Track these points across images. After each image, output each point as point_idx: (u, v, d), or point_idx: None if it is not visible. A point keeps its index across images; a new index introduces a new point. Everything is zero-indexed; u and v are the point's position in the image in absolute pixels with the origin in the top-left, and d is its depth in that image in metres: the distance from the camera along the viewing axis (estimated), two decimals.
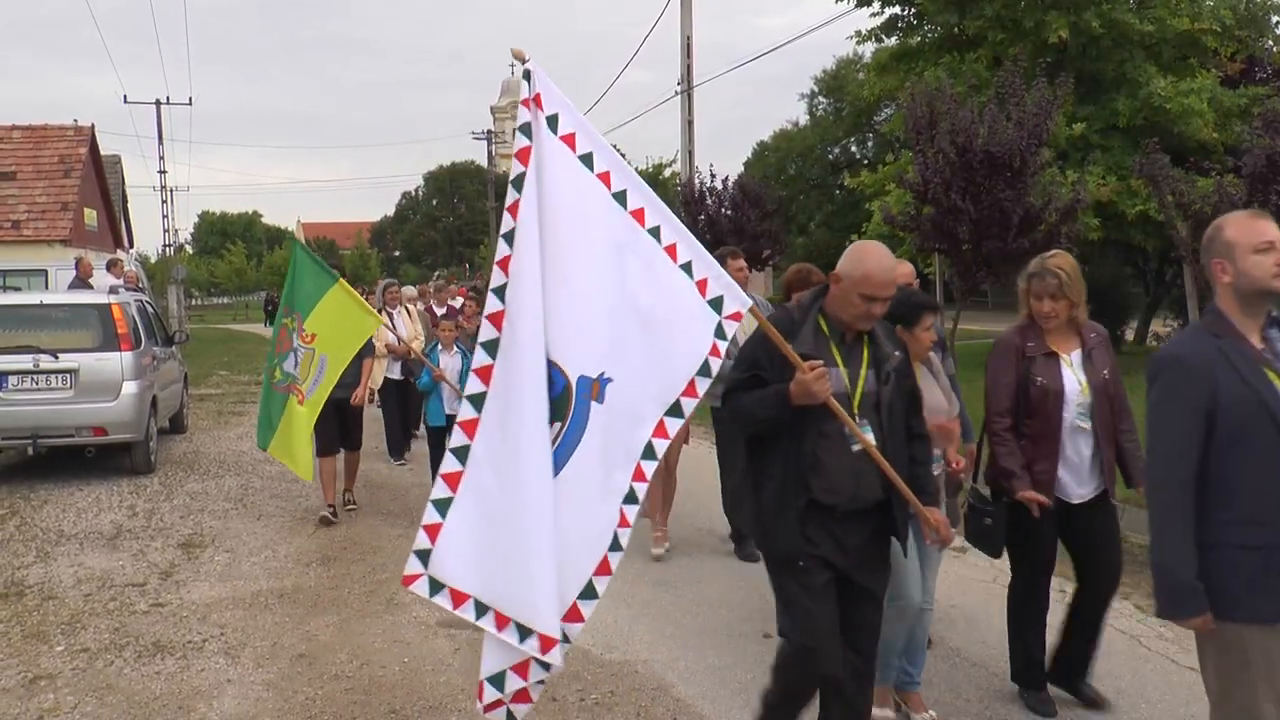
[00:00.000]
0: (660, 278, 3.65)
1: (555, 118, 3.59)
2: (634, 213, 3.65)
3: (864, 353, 4.11)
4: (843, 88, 52.46)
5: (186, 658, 6.01)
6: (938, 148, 14.84)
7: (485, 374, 3.56)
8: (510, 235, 3.51)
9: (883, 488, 4.05)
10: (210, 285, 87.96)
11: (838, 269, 4.06)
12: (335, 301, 8.76)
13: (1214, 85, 21.36)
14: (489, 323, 3.51)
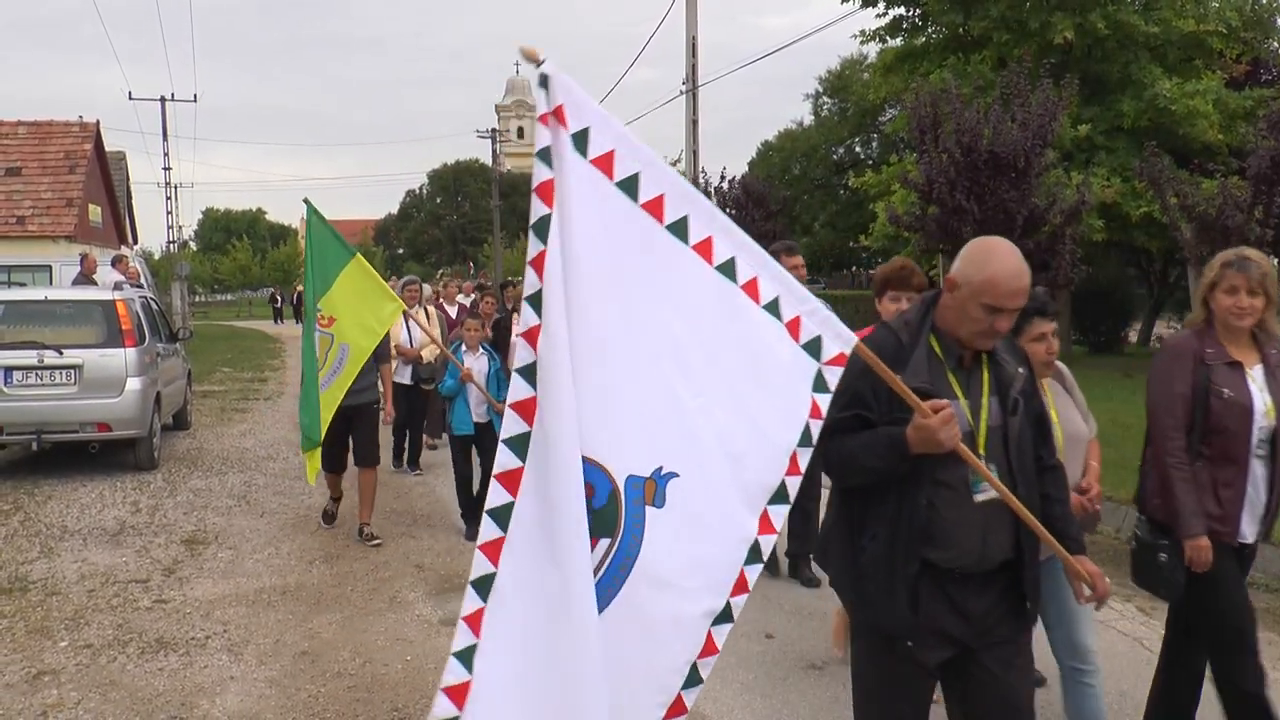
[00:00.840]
0: (741, 330, 2.86)
1: (584, 135, 2.63)
2: (698, 246, 2.79)
3: (984, 376, 3.35)
4: (847, 88, 52.43)
5: (189, 654, 6.01)
6: (943, 148, 14.86)
7: (528, 410, 2.64)
8: (535, 301, 2.58)
9: (1014, 542, 3.33)
10: (214, 282, 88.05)
11: (953, 272, 3.32)
12: (353, 280, 7.92)
13: (1219, 87, 21.37)
14: (525, 343, 2.60)
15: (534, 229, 2.57)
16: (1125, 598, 6.86)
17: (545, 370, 2.60)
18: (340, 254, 7.99)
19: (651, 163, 2.72)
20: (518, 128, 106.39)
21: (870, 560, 3.31)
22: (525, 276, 2.58)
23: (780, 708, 5.21)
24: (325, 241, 8.04)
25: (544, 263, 2.57)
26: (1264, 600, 6.78)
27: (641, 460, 2.78)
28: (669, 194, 2.74)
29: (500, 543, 2.64)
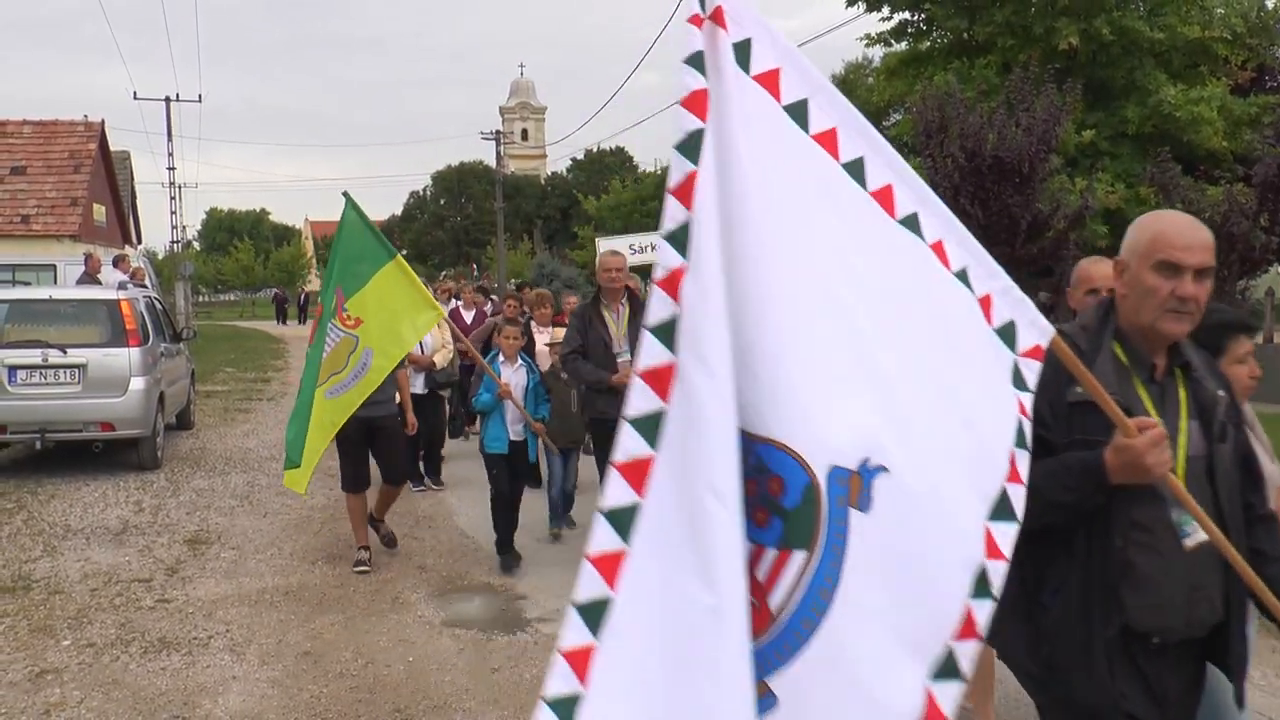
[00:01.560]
0: (936, 298, 2.30)
1: (746, 46, 2.11)
2: (878, 194, 2.25)
3: (1180, 394, 2.75)
4: (852, 92, 52.42)
5: (192, 654, 6.02)
6: (947, 152, 14.85)
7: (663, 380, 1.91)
8: (680, 237, 1.94)
9: (1224, 602, 2.70)
10: (217, 282, 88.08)
11: (1120, 254, 2.80)
12: (390, 283, 7.25)
13: (1224, 93, 21.38)
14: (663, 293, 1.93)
15: (680, 148, 1.99)
16: None
17: (693, 325, 1.92)
18: (379, 253, 7.38)
19: (822, 88, 2.23)
20: (521, 129, 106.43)
21: (1057, 622, 2.67)
22: (665, 207, 1.99)
23: None
24: (362, 238, 7.48)
25: (693, 188, 1.97)
26: None
27: (847, 447, 2.05)
28: (843, 128, 2.23)
29: (620, 558, 1.90)
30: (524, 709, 5.21)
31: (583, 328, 7.64)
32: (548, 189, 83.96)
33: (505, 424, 7.75)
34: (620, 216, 46.57)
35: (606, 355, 7.48)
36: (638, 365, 1.95)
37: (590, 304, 7.88)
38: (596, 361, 7.49)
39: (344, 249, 7.46)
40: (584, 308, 7.93)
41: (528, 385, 7.88)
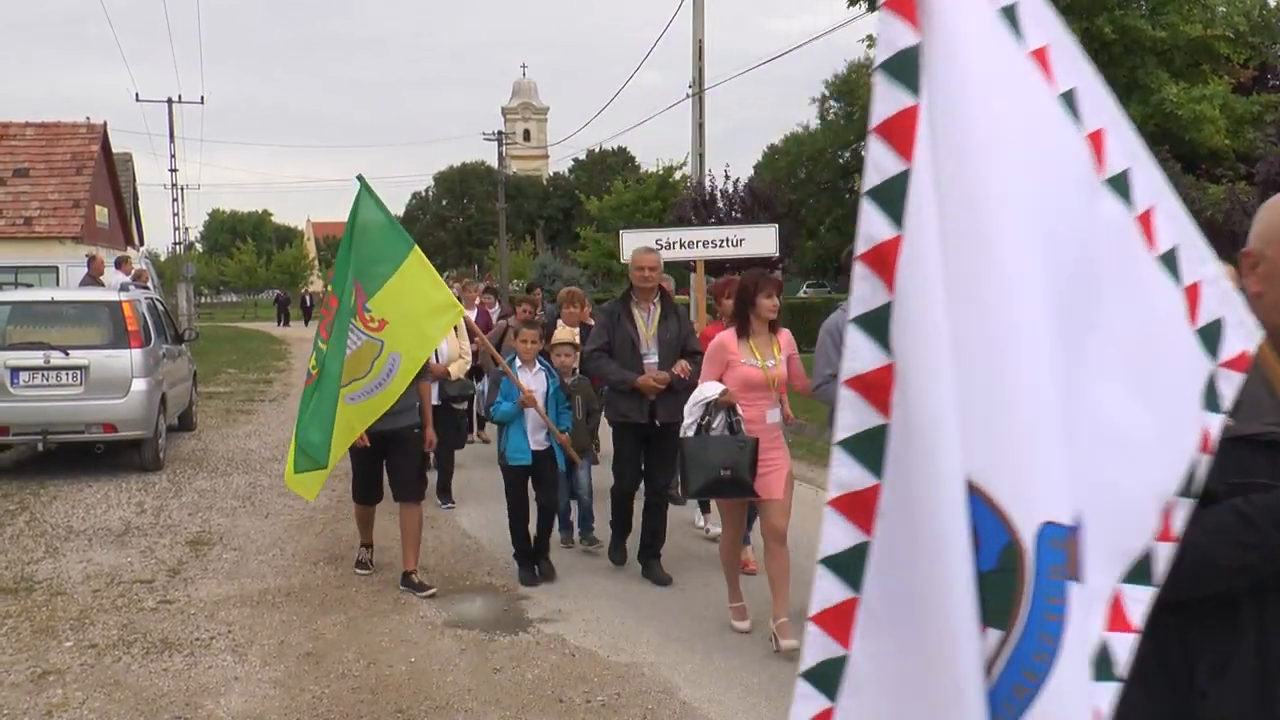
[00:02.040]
0: (1134, 288, 1.74)
1: None
2: (1093, 136, 1.68)
3: None
4: (854, 91, 52.38)
5: (194, 655, 6.02)
6: None
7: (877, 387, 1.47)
8: (891, 195, 1.45)
9: None
10: (219, 283, 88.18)
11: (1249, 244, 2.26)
12: (411, 278, 6.68)
13: (1226, 92, 21.35)
14: (868, 270, 1.48)
15: (888, 71, 1.45)
16: None
17: (910, 317, 1.44)
18: (397, 245, 6.73)
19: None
20: (524, 130, 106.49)
21: (1221, 711, 2.05)
22: (869, 154, 1.47)
23: (784, 712, 5.19)
24: (377, 228, 6.80)
25: (913, 128, 1.44)
26: None
27: (1062, 496, 1.50)
28: (1055, 47, 1.63)
29: (850, 608, 1.53)
30: (526, 709, 5.21)
31: (610, 325, 7.38)
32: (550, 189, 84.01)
33: (526, 434, 7.23)
34: (622, 216, 46.45)
35: (633, 355, 7.23)
36: (848, 369, 1.50)
37: (620, 301, 7.59)
38: (622, 361, 7.23)
39: (361, 241, 6.76)
40: (613, 305, 7.64)
41: (548, 391, 7.36)
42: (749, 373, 6.00)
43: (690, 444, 5.89)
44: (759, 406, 6.02)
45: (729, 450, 5.78)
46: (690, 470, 5.93)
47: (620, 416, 7.36)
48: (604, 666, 5.82)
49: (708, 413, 5.90)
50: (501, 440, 7.41)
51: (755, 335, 6.06)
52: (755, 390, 6.01)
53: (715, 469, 5.80)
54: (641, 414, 7.24)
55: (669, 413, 6.99)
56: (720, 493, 6.11)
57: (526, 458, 7.25)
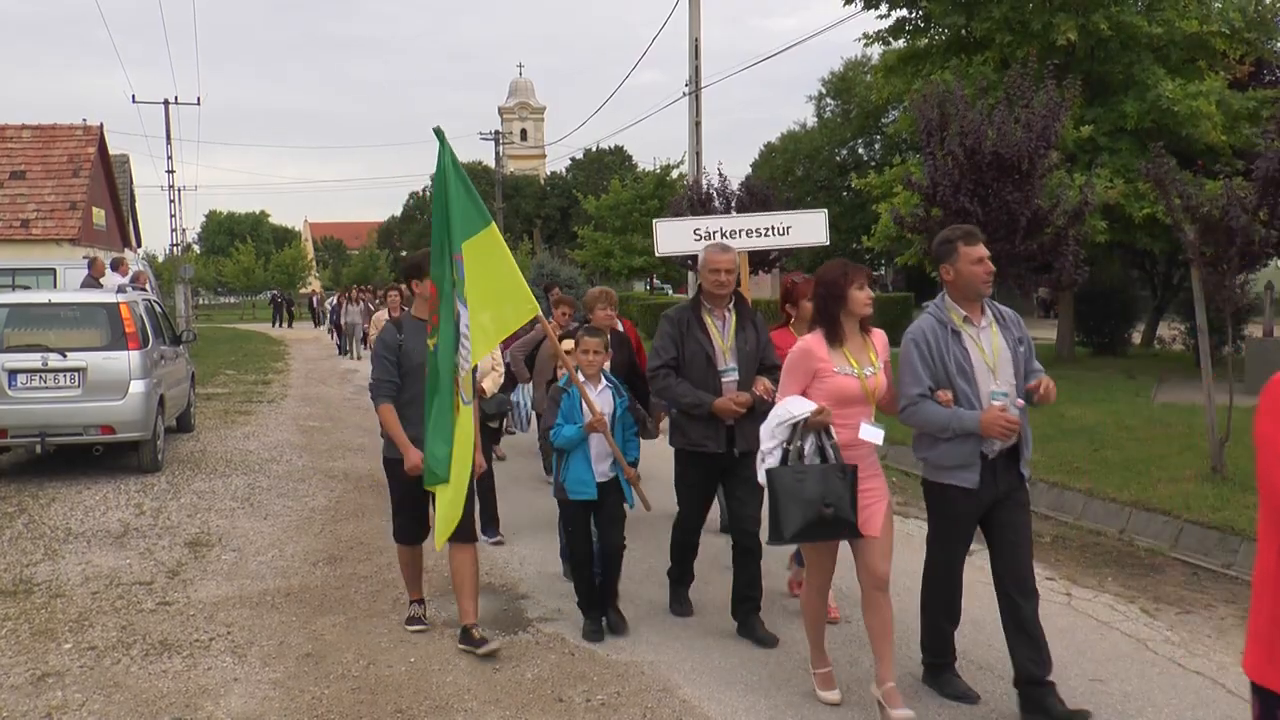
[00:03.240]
0: None
1: None
2: None
3: None
4: (850, 89, 52.49)
5: (193, 656, 6.02)
6: (948, 149, 14.83)
7: None
8: None
9: None
10: (217, 285, 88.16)
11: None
12: (483, 255, 5.78)
13: (1222, 88, 21.32)
14: None
15: None
16: (1129, 599, 6.85)
17: None
18: (471, 217, 5.81)
19: None
20: (521, 129, 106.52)
21: None
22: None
23: (784, 709, 5.21)
24: (458, 192, 5.80)
25: None
26: None
27: None
28: None
29: None
30: (525, 709, 5.21)
31: (678, 336, 6.19)
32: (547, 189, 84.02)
33: (590, 463, 6.14)
34: (620, 216, 46.51)
35: (708, 372, 6.10)
36: None
37: (689, 308, 6.31)
38: (695, 379, 6.10)
39: (450, 204, 5.75)
40: (681, 312, 6.31)
41: (615, 413, 6.22)
42: (844, 384, 4.98)
43: (782, 477, 4.84)
44: (854, 425, 4.99)
45: (829, 482, 4.80)
46: (784, 509, 4.84)
47: (693, 445, 6.17)
48: (603, 665, 5.83)
49: (795, 436, 4.88)
50: (560, 470, 6.24)
51: (848, 338, 5.05)
52: (851, 406, 4.99)
53: (815, 506, 4.78)
54: (718, 441, 6.10)
55: (749, 439, 5.90)
56: (820, 534, 4.93)
57: (591, 491, 6.14)
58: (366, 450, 13.34)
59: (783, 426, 4.91)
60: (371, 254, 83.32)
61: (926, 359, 4.97)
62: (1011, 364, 5.00)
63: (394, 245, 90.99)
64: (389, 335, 6.25)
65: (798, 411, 4.89)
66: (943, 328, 4.99)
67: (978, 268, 4.92)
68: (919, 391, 4.93)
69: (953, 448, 4.93)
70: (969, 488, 4.95)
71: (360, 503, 10.14)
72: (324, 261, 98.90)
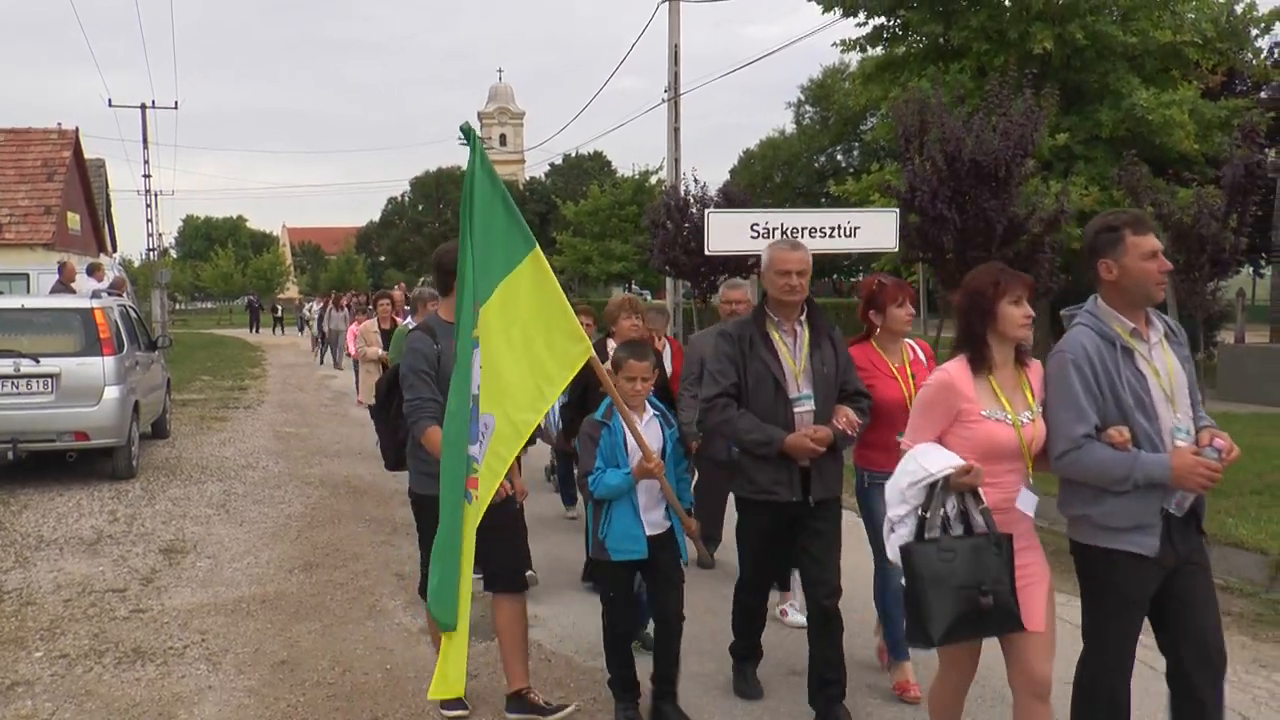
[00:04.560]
0: None
1: None
2: None
3: None
4: (829, 97, 52.70)
5: (167, 664, 5.98)
6: (927, 156, 14.91)
7: None
8: None
9: None
10: (194, 289, 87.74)
11: None
12: (524, 290, 4.49)
13: (1195, 97, 21.56)
14: None
15: None
16: None
17: None
18: (515, 240, 4.51)
19: None
20: (500, 135, 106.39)
21: None
22: None
23: (762, 714, 5.21)
24: (492, 205, 4.45)
25: None
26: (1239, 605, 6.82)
27: None
28: None
29: None
30: (500, 714, 5.20)
31: (739, 358, 4.95)
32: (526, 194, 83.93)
33: (638, 513, 4.90)
34: (599, 221, 46.57)
35: (776, 400, 4.88)
36: None
37: (751, 322, 5.08)
38: (761, 410, 4.87)
39: (491, 236, 4.42)
40: (742, 327, 5.08)
41: (665, 448, 5.00)
42: (996, 433, 3.84)
43: (925, 556, 3.72)
44: (1007, 484, 3.87)
45: (984, 560, 3.70)
46: (930, 599, 3.69)
47: (760, 492, 4.94)
48: (580, 671, 5.82)
49: (932, 500, 3.76)
50: (599, 523, 4.95)
51: (997, 369, 3.92)
52: (1005, 460, 3.86)
53: (969, 594, 3.68)
54: (791, 487, 4.88)
55: (828, 485, 4.95)
56: (976, 631, 3.82)
57: (641, 548, 4.89)
58: (343, 456, 13.30)
59: (917, 488, 3.78)
60: (350, 259, 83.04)
61: (1091, 387, 3.75)
62: (1187, 389, 3.88)
63: (372, 250, 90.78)
64: (423, 345, 5.14)
65: (937, 468, 3.75)
66: (1109, 345, 3.79)
67: (1150, 264, 3.77)
68: (1084, 431, 3.73)
69: (1127, 503, 3.71)
70: (1146, 554, 3.72)
71: (336, 509, 10.10)
72: (302, 267, 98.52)
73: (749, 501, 5.06)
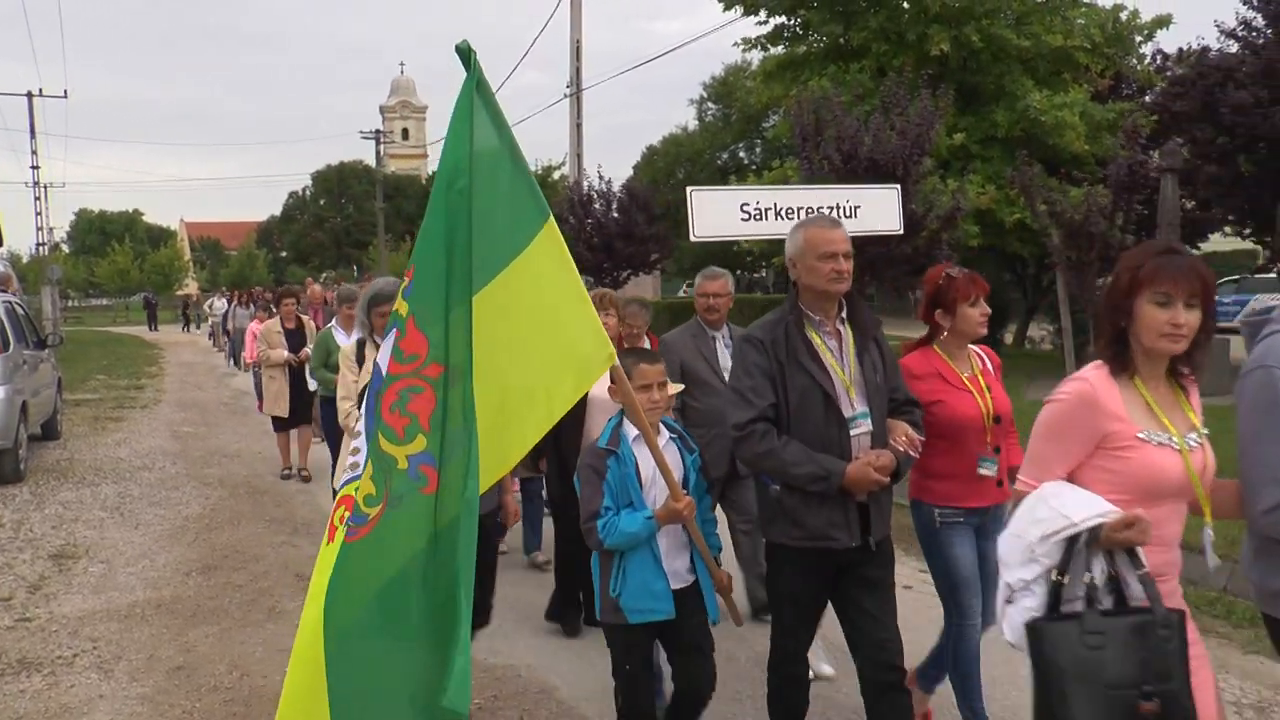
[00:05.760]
0: None
1: None
2: None
3: None
4: (731, 94, 53.13)
5: (55, 674, 5.83)
6: (824, 154, 15.14)
7: None
8: None
9: None
10: (89, 286, 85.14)
11: None
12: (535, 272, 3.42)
13: (1085, 99, 22.23)
14: None
15: None
16: None
17: None
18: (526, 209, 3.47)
19: None
20: (402, 128, 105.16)
21: None
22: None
23: None
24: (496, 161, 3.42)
25: None
26: None
27: None
28: None
29: None
30: None
31: (773, 369, 3.88)
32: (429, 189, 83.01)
33: (660, 563, 3.98)
34: None
35: (827, 421, 3.84)
36: None
37: (780, 322, 3.97)
38: (808, 435, 3.83)
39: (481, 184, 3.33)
40: (771, 330, 3.96)
41: (687, 479, 4.11)
42: (1160, 461, 2.89)
43: (1064, 638, 2.74)
44: (1168, 535, 2.94)
45: (1148, 647, 2.70)
46: (1073, 701, 2.70)
47: (811, 538, 3.88)
48: (481, 669, 5.80)
49: (1072, 560, 2.79)
50: (612, 577, 4.00)
51: (1147, 379, 2.97)
52: (1168, 501, 2.92)
53: (1130, 696, 2.67)
54: (850, 531, 3.88)
55: (885, 523, 4.02)
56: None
57: (667, 607, 3.97)
58: (243, 456, 13.06)
59: (1052, 542, 2.81)
60: (250, 254, 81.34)
61: None
62: None
63: (274, 245, 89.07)
64: None
65: (1080, 517, 2.78)
66: None
67: None
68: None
69: None
70: None
71: (236, 510, 9.93)
72: (201, 262, 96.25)
73: (793, 551, 3.93)
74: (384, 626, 3.14)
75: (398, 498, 3.14)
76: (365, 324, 5.92)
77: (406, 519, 3.14)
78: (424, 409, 3.18)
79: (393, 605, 3.13)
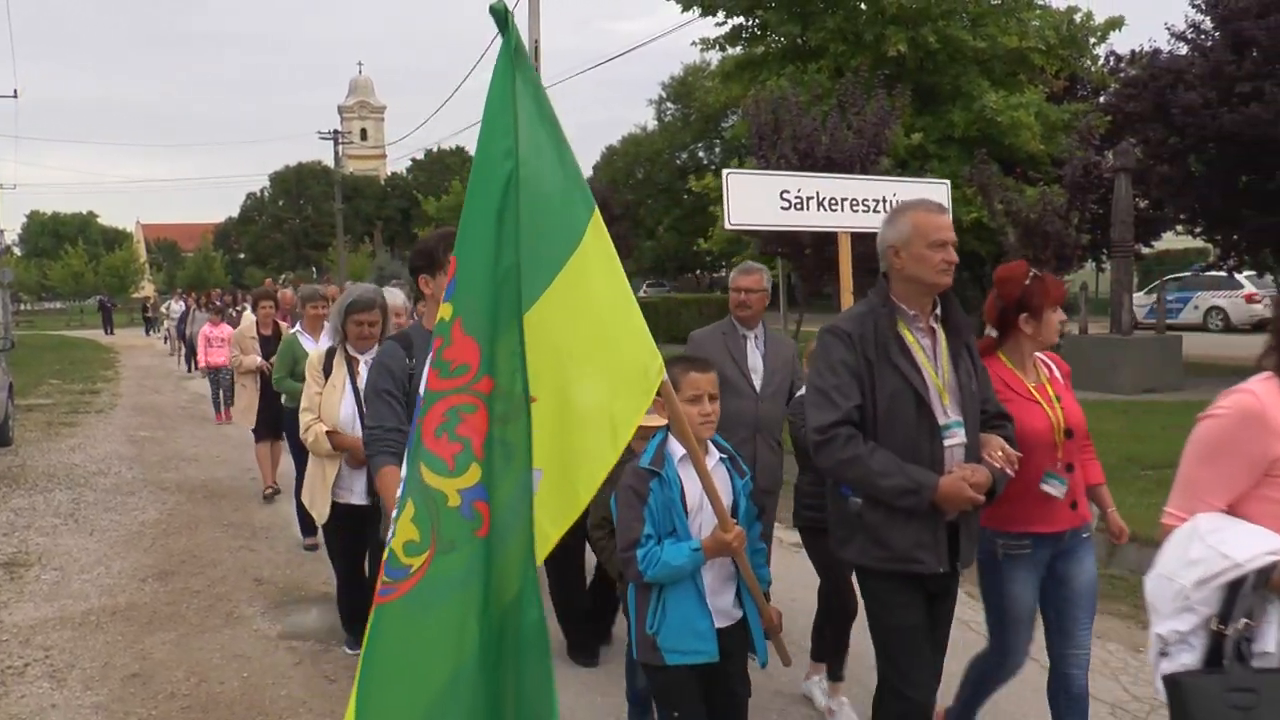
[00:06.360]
0: None
1: None
2: None
3: None
4: (690, 94, 53.32)
5: (5, 684, 5.74)
6: (781, 154, 15.23)
7: None
8: None
9: None
10: (42, 289, 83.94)
11: None
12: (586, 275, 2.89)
13: (1040, 100, 22.53)
14: None
15: None
16: None
17: None
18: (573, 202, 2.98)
19: None
20: (360, 129, 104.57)
21: None
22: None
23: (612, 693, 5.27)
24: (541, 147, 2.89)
25: None
26: None
27: None
28: None
29: None
30: None
31: (862, 368, 3.48)
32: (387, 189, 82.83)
33: (704, 599, 3.52)
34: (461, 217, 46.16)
35: (919, 428, 3.45)
36: None
37: (869, 315, 3.56)
38: (896, 442, 3.44)
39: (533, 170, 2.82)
40: (858, 324, 3.54)
41: (737, 506, 3.63)
42: None
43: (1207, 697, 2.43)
44: None
45: None
46: None
47: (896, 559, 3.49)
48: None
49: (1235, 608, 2.44)
50: (651, 613, 3.54)
51: None
52: None
53: None
54: (938, 554, 3.49)
55: (973, 548, 3.68)
56: None
57: (711, 648, 3.52)
58: (201, 460, 12.94)
59: (1210, 587, 2.46)
60: (207, 256, 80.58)
61: None
62: None
63: (231, 247, 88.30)
64: (393, 361, 4.09)
65: (1244, 556, 2.43)
66: None
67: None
68: None
69: None
70: None
71: (193, 514, 9.83)
72: (157, 264, 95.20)
73: (884, 575, 3.52)
74: None
75: (449, 543, 2.55)
76: (338, 331, 5.58)
77: (460, 569, 2.54)
78: (477, 432, 2.58)
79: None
